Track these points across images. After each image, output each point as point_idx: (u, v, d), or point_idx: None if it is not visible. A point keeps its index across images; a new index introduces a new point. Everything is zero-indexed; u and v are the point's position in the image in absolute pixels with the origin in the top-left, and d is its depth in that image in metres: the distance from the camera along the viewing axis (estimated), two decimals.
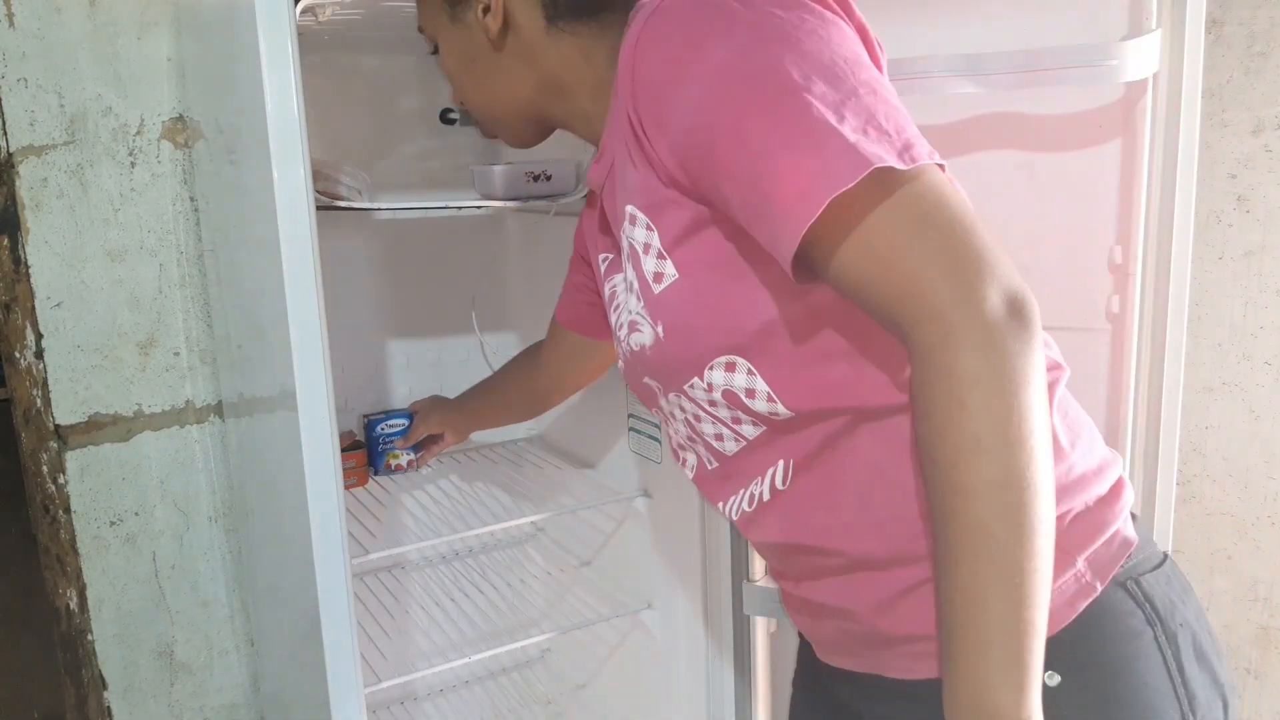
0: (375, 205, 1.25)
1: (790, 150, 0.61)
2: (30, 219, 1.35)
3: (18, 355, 1.37)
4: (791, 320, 0.71)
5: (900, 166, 0.60)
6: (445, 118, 1.59)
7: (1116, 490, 0.77)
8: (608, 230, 0.90)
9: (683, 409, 0.82)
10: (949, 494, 0.60)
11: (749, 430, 0.78)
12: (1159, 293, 1.14)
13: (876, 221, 0.60)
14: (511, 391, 1.34)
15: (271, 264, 0.99)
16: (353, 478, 1.49)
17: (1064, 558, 0.71)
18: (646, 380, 0.84)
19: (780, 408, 0.74)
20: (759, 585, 1.27)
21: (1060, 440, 0.75)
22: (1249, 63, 1.55)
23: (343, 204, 1.20)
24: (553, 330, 1.21)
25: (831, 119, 0.61)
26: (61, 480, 1.42)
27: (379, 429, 1.53)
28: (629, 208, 0.77)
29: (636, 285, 0.79)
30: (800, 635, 0.93)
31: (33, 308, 1.36)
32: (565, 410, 1.65)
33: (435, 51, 0.91)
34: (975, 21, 1.12)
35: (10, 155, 1.32)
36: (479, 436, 1.72)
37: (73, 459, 1.42)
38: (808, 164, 0.61)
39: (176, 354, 1.47)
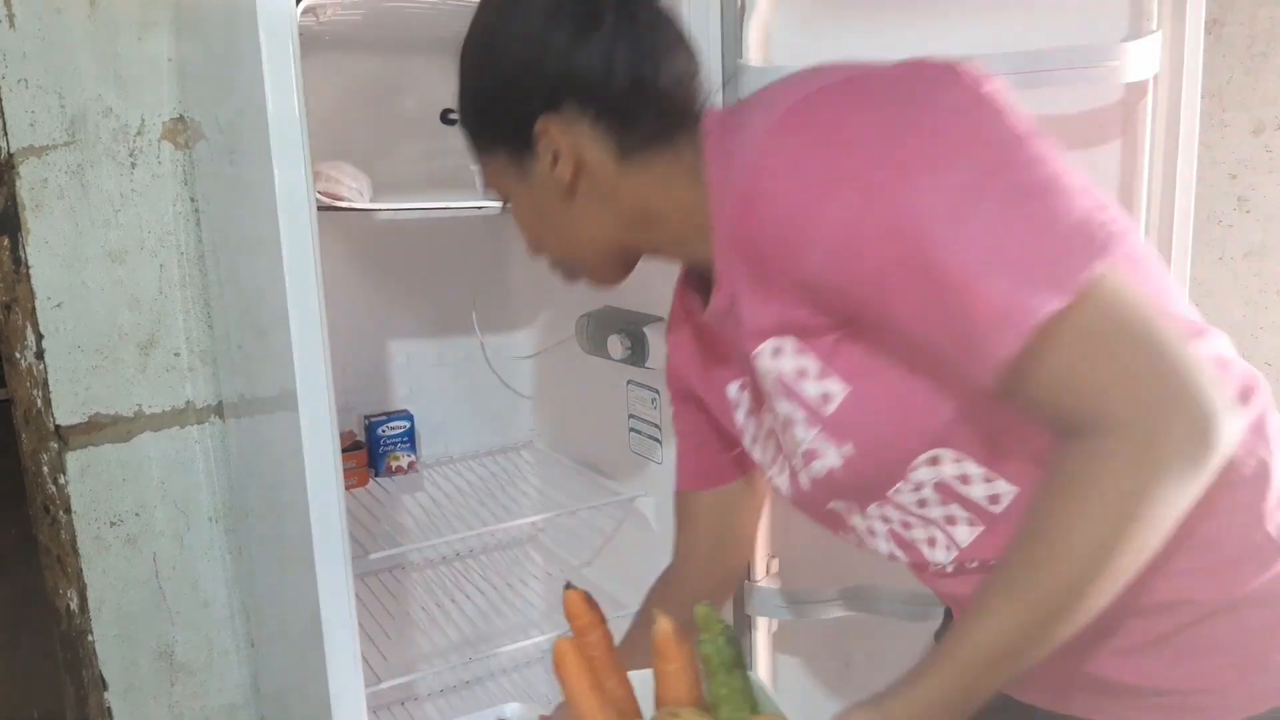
0: (376, 205, 1.24)
1: (976, 277, 0.59)
2: (30, 219, 1.35)
3: (18, 355, 1.37)
4: (981, 396, 0.66)
5: (1084, 280, 0.58)
6: (445, 118, 1.58)
7: None
8: (723, 360, 0.86)
9: (886, 519, 0.78)
10: (1034, 546, 0.61)
11: (963, 534, 0.74)
12: None
13: (1063, 342, 0.59)
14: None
15: (272, 264, 0.99)
16: (353, 478, 1.49)
17: None
18: (833, 505, 0.80)
19: (1001, 485, 0.70)
20: (760, 585, 1.27)
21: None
22: (1249, 63, 1.55)
23: (343, 204, 1.20)
24: (688, 509, 1.02)
25: (1010, 233, 0.59)
26: (62, 480, 1.42)
27: (380, 430, 1.53)
28: (768, 344, 0.73)
29: (801, 414, 0.74)
30: None
31: (33, 308, 1.36)
32: (565, 411, 1.65)
33: (506, 206, 0.86)
34: (976, 22, 1.12)
35: (11, 155, 1.32)
36: (478, 439, 1.72)
37: (73, 459, 1.42)
38: (999, 288, 0.58)
39: (177, 354, 1.46)
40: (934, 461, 0.71)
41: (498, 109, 0.80)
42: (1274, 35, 1.53)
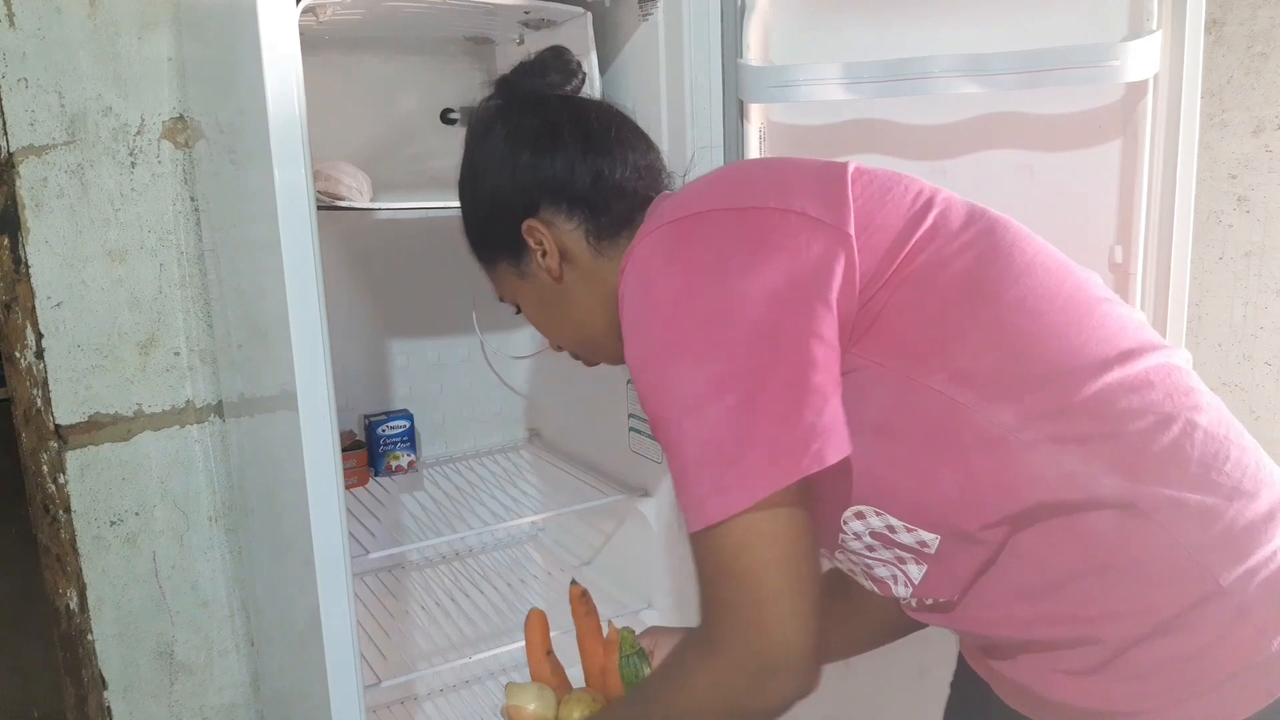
0: (376, 205, 1.25)
1: (690, 467, 0.71)
2: (30, 219, 1.35)
3: (18, 355, 1.37)
4: (871, 460, 0.74)
5: (756, 501, 0.68)
6: (445, 118, 1.59)
7: None
8: None
9: (852, 563, 0.85)
10: (648, 703, 0.81)
11: (914, 571, 0.79)
12: (1159, 293, 1.14)
13: (710, 557, 0.71)
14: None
15: (272, 264, 1.00)
16: (353, 478, 1.49)
17: (1258, 637, 0.69)
18: None
19: (924, 534, 0.75)
20: None
21: (1201, 501, 0.72)
22: (1249, 63, 1.55)
23: (343, 204, 1.20)
24: None
25: (728, 438, 0.69)
26: (61, 480, 1.42)
27: (380, 429, 1.53)
28: None
29: None
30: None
31: (33, 307, 1.36)
32: (565, 410, 1.65)
33: (519, 311, 0.99)
34: (977, 22, 1.12)
35: (10, 155, 1.32)
36: (479, 439, 1.72)
37: (73, 459, 1.42)
38: (700, 487, 0.70)
39: (177, 354, 1.47)
40: (860, 516, 0.78)
41: (490, 224, 0.94)
42: (1274, 35, 1.53)
